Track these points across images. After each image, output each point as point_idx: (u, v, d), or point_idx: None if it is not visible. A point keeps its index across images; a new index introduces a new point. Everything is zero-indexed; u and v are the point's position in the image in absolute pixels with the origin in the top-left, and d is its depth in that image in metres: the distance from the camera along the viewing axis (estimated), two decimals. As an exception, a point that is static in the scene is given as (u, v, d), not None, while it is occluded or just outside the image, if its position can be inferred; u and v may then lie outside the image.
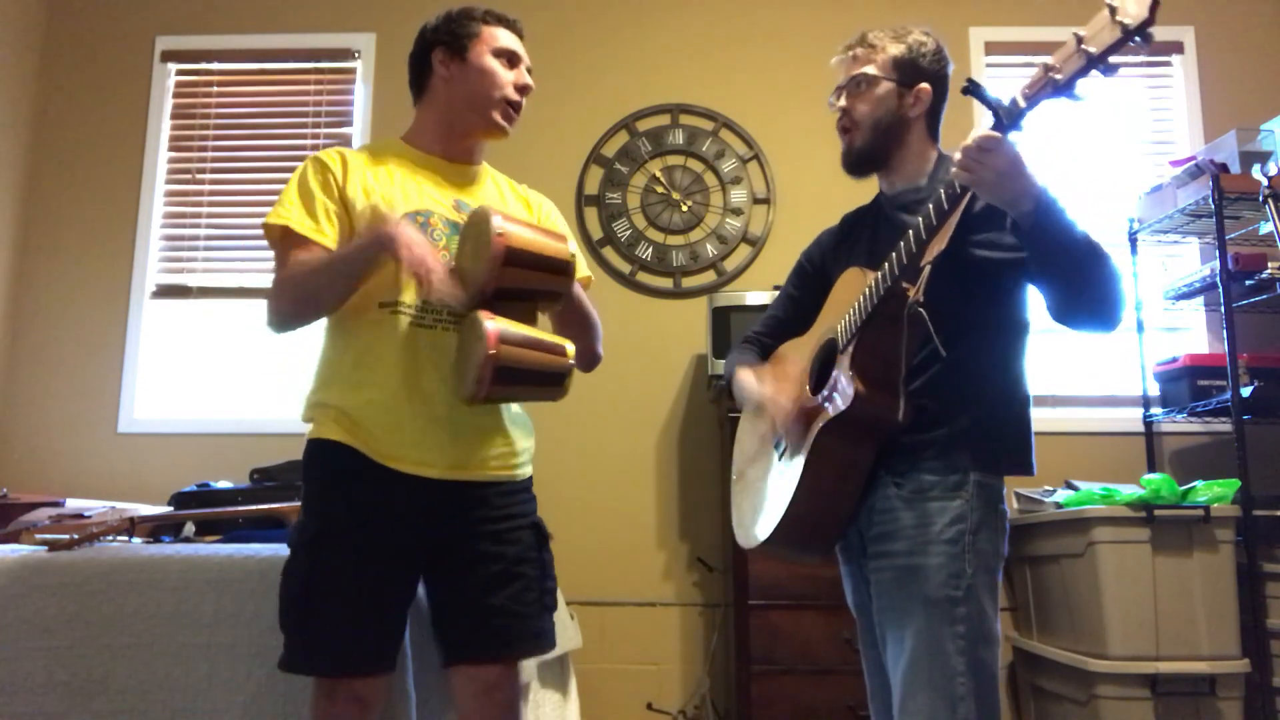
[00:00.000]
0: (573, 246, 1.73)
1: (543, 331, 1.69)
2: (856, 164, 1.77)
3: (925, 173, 1.74)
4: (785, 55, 3.82)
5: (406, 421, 1.72)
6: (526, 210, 1.96)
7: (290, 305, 1.75)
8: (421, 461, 1.71)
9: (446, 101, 1.87)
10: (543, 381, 1.67)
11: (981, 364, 1.62)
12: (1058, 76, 1.26)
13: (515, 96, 1.86)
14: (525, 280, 1.67)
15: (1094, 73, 1.23)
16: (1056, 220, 1.44)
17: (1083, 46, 1.23)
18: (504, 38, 1.87)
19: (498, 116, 1.84)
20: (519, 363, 1.62)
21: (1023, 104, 1.34)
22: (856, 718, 2.83)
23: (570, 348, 1.69)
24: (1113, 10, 1.19)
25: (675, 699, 3.42)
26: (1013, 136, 1.39)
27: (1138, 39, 1.17)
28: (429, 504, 1.72)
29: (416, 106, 1.93)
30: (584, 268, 1.97)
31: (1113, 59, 1.20)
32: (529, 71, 1.90)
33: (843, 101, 1.75)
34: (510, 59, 1.87)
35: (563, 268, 1.69)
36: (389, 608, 1.73)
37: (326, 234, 1.76)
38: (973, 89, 1.37)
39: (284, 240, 1.77)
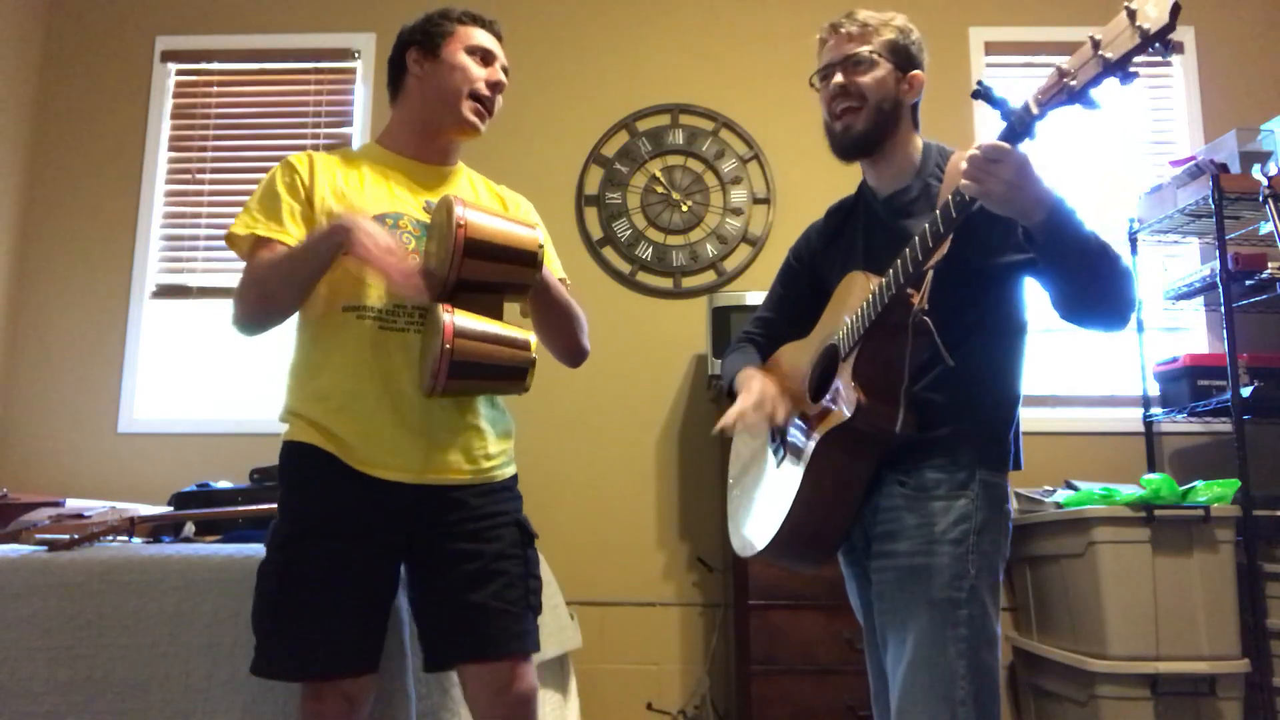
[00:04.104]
0: (541, 236, 1.71)
1: (507, 324, 1.68)
2: (855, 146, 1.69)
3: (914, 164, 1.70)
4: (785, 56, 3.81)
5: (378, 428, 1.70)
6: (502, 210, 1.93)
7: (250, 303, 1.74)
8: (395, 467, 1.70)
9: (420, 99, 1.87)
10: (502, 376, 1.68)
11: (984, 365, 1.61)
12: (1073, 83, 1.21)
13: (485, 91, 1.84)
14: (488, 272, 1.65)
15: (1111, 79, 1.18)
16: (1070, 227, 1.40)
17: (1100, 52, 1.18)
18: (479, 36, 1.87)
19: (468, 112, 1.83)
20: (476, 357, 1.62)
21: (1035, 110, 1.27)
22: (856, 718, 2.83)
23: (533, 341, 1.69)
24: (1131, 14, 1.14)
25: (675, 699, 3.42)
26: (1024, 144, 1.33)
27: (1157, 44, 1.12)
28: (404, 507, 1.72)
29: (392, 107, 1.93)
30: (559, 269, 1.95)
31: (1131, 66, 1.15)
32: (505, 71, 1.90)
33: (839, 78, 1.67)
34: (484, 57, 1.87)
35: (528, 259, 1.68)
36: (364, 609, 1.71)
37: (291, 234, 1.74)
38: (984, 93, 1.31)
39: (246, 246, 1.77)
